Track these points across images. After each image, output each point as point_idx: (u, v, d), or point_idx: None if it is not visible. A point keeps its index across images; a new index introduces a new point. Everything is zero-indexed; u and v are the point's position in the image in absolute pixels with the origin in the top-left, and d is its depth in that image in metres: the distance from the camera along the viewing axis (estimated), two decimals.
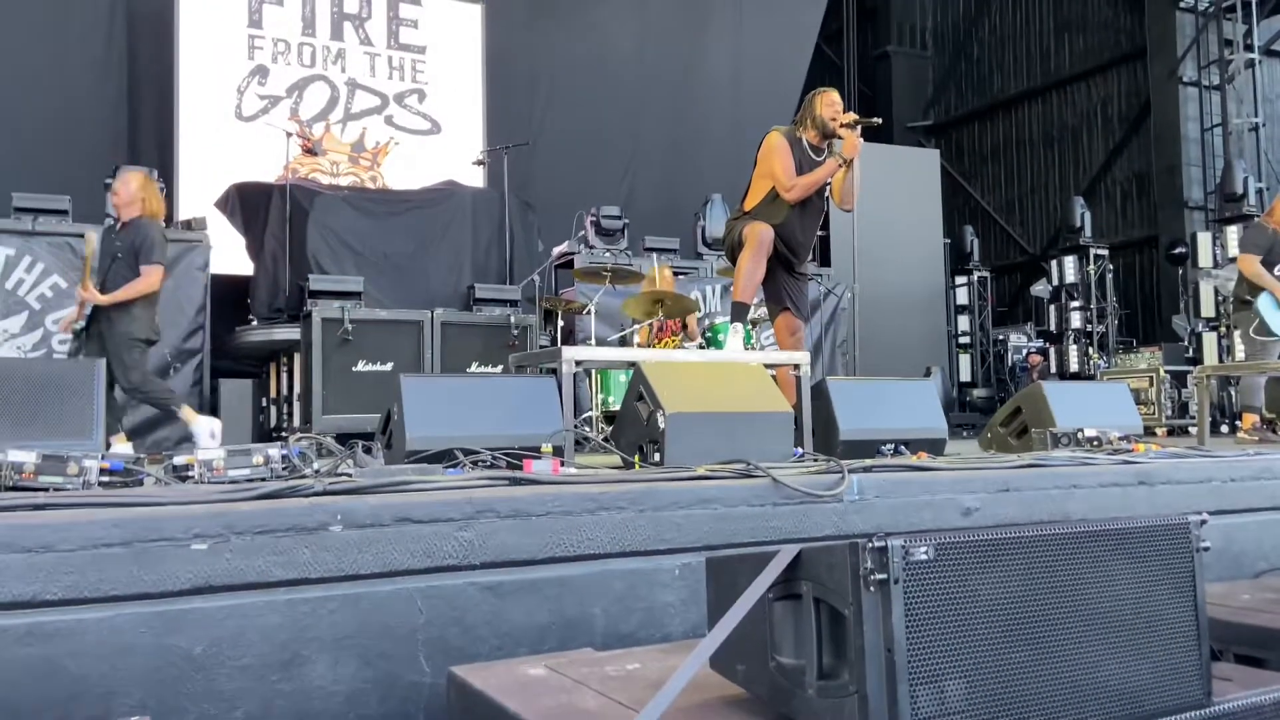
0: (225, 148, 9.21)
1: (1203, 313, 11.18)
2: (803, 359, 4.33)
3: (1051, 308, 12.74)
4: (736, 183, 5.74)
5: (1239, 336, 6.82)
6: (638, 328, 6.70)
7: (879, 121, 5.29)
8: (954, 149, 16.90)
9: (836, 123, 4.82)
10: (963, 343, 13.69)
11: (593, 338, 6.87)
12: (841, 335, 9.34)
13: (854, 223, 5.33)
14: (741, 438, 3.30)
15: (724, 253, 5.55)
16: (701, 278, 8.87)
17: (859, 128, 4.79)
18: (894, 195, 10.95)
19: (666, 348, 6.33)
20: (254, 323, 7.55)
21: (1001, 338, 14.02)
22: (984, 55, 16.73)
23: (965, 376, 13.58)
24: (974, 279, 13.91)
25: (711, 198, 9.87)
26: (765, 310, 5.41)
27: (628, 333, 6.96)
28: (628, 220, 9.07)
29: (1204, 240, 11.49)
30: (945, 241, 12.81)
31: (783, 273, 4.93)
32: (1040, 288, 13.39)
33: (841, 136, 4.80)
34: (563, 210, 9.19)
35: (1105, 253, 12.67)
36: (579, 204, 9.11)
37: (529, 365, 4.44)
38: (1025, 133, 16.07)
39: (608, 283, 7.33)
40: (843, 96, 5.01)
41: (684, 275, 8.49)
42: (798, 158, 4.79)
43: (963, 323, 13.76)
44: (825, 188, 4.90)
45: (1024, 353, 13.28)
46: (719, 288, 8.67)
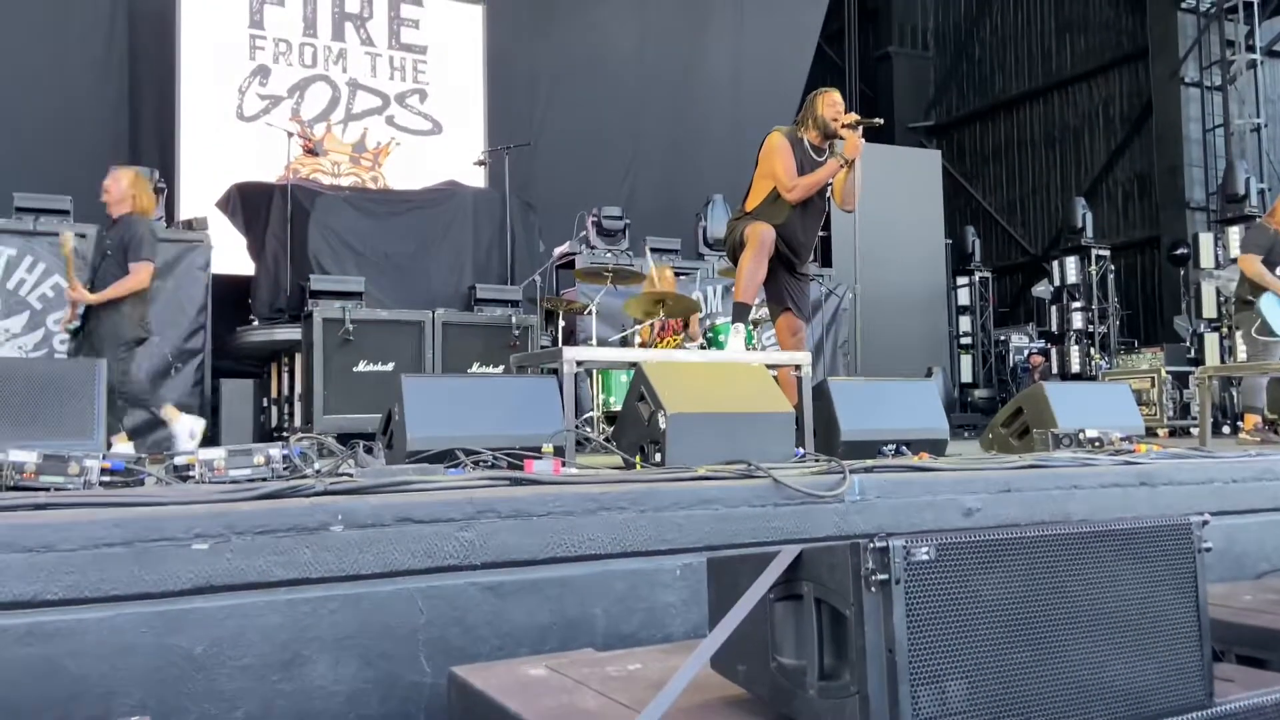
0: (226, 148, 9.22)
1: (1204, 313, 11.18)
2: (804, 359, 4.33)
3: (1053, 308, 12.73)
4: (737, 183, 5.73)
5: (1240, 337, 6.82)
6: (639, 328, 6.69)
7: (880, 122, 5.29)
8: (955, 149, 16.89)
9: (838, 123, 4.81)
10: (964, 343, 13.68)
11: (594, 338, 6.87)
12: (843, 336, 9.34)
13: (855, 223, 5.32)
14: (743, 438, 3.30)
15: (725, 253, 5.55)
16: (703, 278, 8.86)
17: (860, 128, 4.79)
18: (895, 196, 10.94)
19: (668, 347, 6.33)
20: (255, 323, 7.56)
21: (1003, 338, 14.01)
22: (985, 56, 16.72)
23: (967, 377, 13.57)
24: (975, 279, 13.90)
25: (712, 198, 9.86)
26: (767, 311, 5.41)
27: (629, 333, 6.96)
28: (629, 221, 9.07)
29: (1206, 241, 11.49)
30: (947, 242, 12.80)
31: (784, 273, 4.93)
32: (1042, 288, 13.39)
33: (843, 137, 4.80)
34: (564, 210, 9.18)
35: (1107, 253, 12.66)
36: (580, 204, 9.10)
37: (530, 365, 4.43)
38: (1027, 133, 16.06)
39: (609, 283, 7.33)
40: (844, 97, 5.00)
41: (685, 275, 8.49)
42: (799, 158, 4.79)
43: (964, 323, 13.76)
44: (827, 188, 4.90)
45: (1025, 353, 13.27)
46: (720, 288, 8.66)
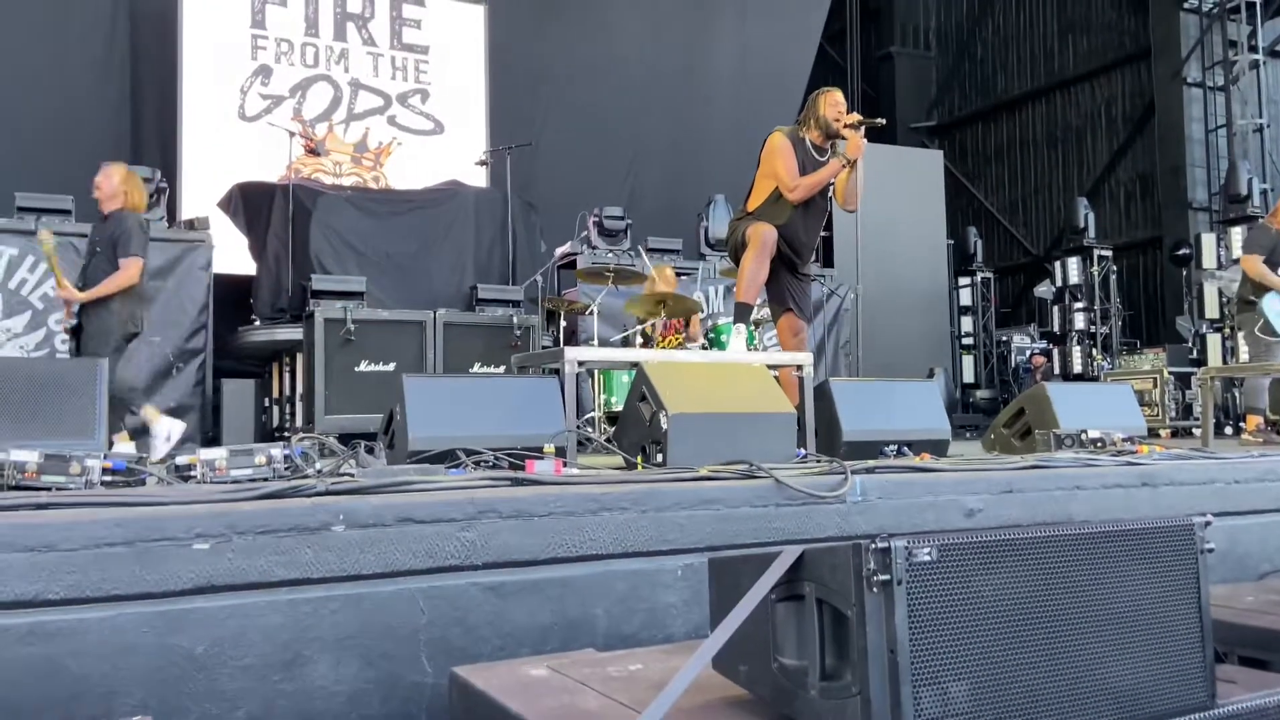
0: (228, 148, 9.22)
1: (1207, 314, 11.17)
2: (806, 360, 4.33)
3: (1055, 309, 12.72)
4: (739, 183, 5.72)
5: (1243, 338, 6.81)
6: (640, 328, 6.69)
7: (883, 122, 5.28)
8: (957, 150, 16.88)
9: (840, 123, 4.80)
10: (966, 344, 13.67)
11: (595, 338, 6.87)
12: (844, 336, 9.33)
13: (857, 223, 5.31)
14: (744, 438, 3.30)
15: (727, 253, 5.55)
16: (704, 278, 8.86)
17: (863, 128, 4.79)
18: (897, 196, 10.93)
19: (668, 346, 6.33)
20: (256, 323, 7.56)
21: (1005, 339, 14.00)
22: (987, 56, 16.71)
23: (968, 378, 13.56)
24: (977, 280, 13.90)
25: (714, 198, 9.85)
26: (768, 311, 5.41)
27: (631, 333, 6.96)
28: (630, 221, 9.06)
29: (1208, 241, 11.48)
30: (949, 242, 12.80)
31: (786, 273, 4.92)
32: (1044, 289, 13.38)
33: (845, 137, 4.79)
34: (565, 210, 9.18)
35: (1109, 254, 12.65)
36: (581, 204, 9.10)
37: (531, 365, 4.43)
38: (1029, 133, 16.05)
39: (610, 283, 7.33)
40: (846, 97, 4.99)
41: (686, 275, 8.49)
42: (801, 158, 4.78)
43: (966, 324, 13.75)
44: (829, 188, 4.89)
45: (1027, 354, 13.27)
46: (722, 288, 8.66)
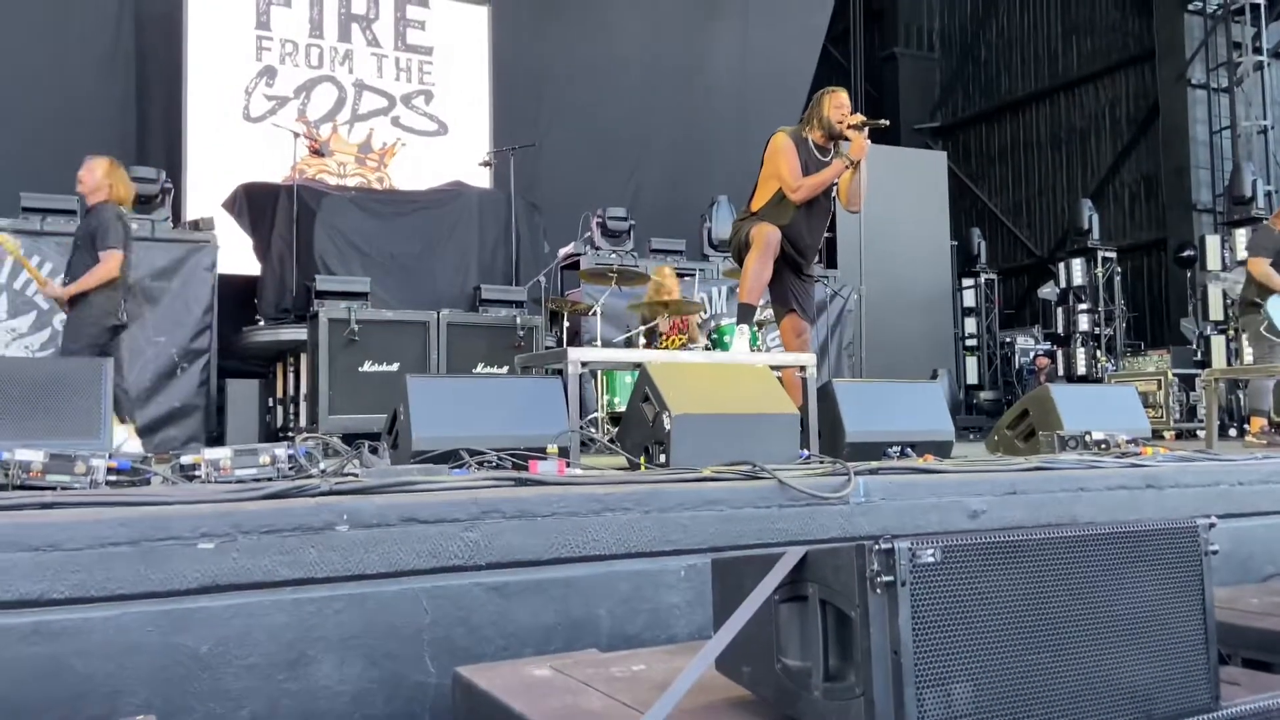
0: (233, 148, 9.24)
1: (1211, 316, 11.15)
2: (809, 360, 4.32)
3: (1059, 310, 12.71)
4: (743, 184, 5.73)
5: (1247, 339, 6.81)
6: (643, 328, 6.69)
7: (886, 123, 5.27)
8: (961, 151, 16.86)
9: (844, 124, 4.79)
10: (969, 345, 13.65)
11: (598, 339, 6.87)
12: (848, 337, 9.33)
13: (861, 224, 5.31)
14: (747, 439, 3.29)
15: (730, 254, 5.54)
16: (707, 279, 8.86)
17: (866, 129, 4.78)
18: (901, 197, 10.92)
19: (672, 347, 6.33)
20: (261, 323, 7.57)
21: (1008, 340, 13.98)
22: (991, 57, 16.70)
23: (972, 379, 13.54)
24: (981, 281, 13.87)
25: (718, 199, 9.85)
26: (771, 312, 5.40)
27: (634, 334, 6.96)
28: (634, 221, 9.06)
29: (1212, 243, 11.46)
30: (952, 243, 12.77)
31: (789, 274, 4.92)
32: (1048, 290, 13.36)
33: (849, 138, 4.78)
34: (569, 211, 9.18)
35: (1113, 255, 12.63)
36: (585, 205, 9.10)
37: (535, 366, 4.43)
38: (1033, 135, 16.03)
39: (613, 284, 7.34)
40: (849, 98, 4.99)
41: (689, 276, 8.49)
42: (804, 158, 4.77)
43: (970, 325, 13.72)
44: (832, 189, 4.88)
45: (1031, 355, 13.25)
46: (725, 289, 8.66)
